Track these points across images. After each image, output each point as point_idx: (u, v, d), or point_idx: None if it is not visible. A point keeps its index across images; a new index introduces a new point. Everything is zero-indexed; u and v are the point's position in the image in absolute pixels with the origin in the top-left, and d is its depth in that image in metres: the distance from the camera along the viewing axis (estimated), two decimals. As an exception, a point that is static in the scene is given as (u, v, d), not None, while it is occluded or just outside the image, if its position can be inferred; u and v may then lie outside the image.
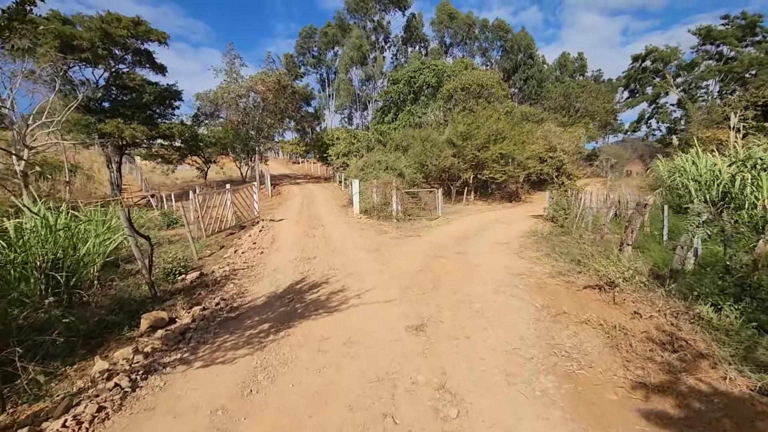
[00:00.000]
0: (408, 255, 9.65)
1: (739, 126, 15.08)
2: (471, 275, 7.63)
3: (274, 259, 10.10)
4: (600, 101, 36.71)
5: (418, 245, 11.04)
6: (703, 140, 17.24)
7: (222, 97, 28.05)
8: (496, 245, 10.86)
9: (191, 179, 34.11)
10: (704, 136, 17.63)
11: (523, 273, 7.62)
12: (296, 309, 6.26)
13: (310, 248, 11.16)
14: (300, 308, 6.28)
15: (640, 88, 38.90)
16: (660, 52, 37.41)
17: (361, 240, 12.10)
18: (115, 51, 24.26)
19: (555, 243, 10.86)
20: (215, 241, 12.94)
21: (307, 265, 9.20)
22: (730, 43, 34.78)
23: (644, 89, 38.46)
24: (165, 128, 25.29)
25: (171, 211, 16.55)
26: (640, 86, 38.74)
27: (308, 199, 24.32)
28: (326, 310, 6.07)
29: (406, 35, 45.94)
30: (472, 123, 26.31)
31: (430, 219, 17.57)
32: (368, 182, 18.62)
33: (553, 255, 8.96)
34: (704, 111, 26.91)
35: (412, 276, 7.69)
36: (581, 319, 5.00)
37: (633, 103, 38.76)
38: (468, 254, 9.60)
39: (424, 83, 31.45)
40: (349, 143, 31.40)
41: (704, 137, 17.49)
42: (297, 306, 6.40)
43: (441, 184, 28.62)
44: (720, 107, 20.94)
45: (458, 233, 13.38)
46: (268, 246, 11.77)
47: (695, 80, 36.02)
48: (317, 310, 6.13)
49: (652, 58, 37.61)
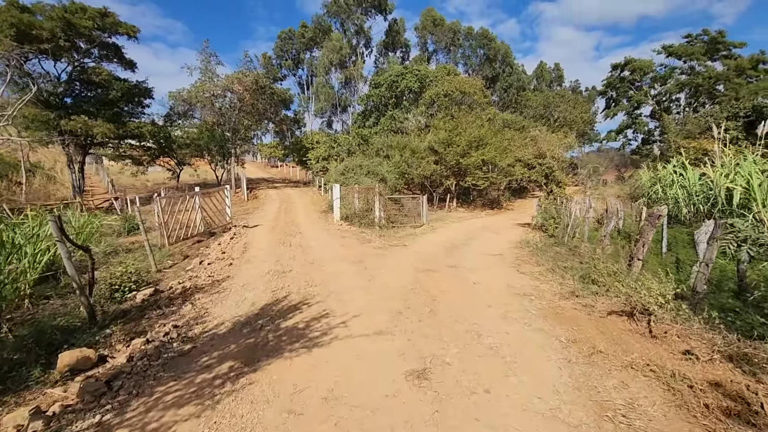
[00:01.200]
0: (395, 269, 8.48)
1: (724, 137, 14.65)
2: (471, 295, 6.52)
3: (245, 272, 8.77)
4: (578, 111, 36.66)
5: (405, 257, 9.89)
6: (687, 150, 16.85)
7: (196, 96, 26.33)
8: (489, 257, 9.81)
9: (163, 181, 32.07)
10: (689, 146, 17.24)
11: (529, 293, 6.55)
12: (266, 341, 5.00)
13: (286, 259, 9.87)
14: (271, 340, 5.02)
15: (617, 97, 39.08)
16: (637, 62, 37.67)
17: (342, 250, 10.87)
18: (79, 43, 22.33)
19: (552, 255, 9.90)
20: (180, 250, 11.47)
21: (281, 280, 7.91)
22: (697, 58, 35.25)
23: (621, 99, 38.66)
24: (134, 127, 23.38)
25: (133, 216, 14.90)
26: (618, 96, 38.92)
27: (286, 204, 22.89)
28: (302, 344, 4.83)
29: (388, 40, 44.98)
30: (453, 129, 25.47)
31: (414, 227, 16.48)
32: (349, 187, 17.42)
33: (557, 270, 7.96)
34: (680, 122, 26.95)
35: (403, 296, 6.52)
36: (624, 362, 3.94)
37: (610, 113, 38.90)
38: (461, 268, 8.50)
39: (407, 88, 30.50)
40: (330, 147, 30.11)
41: (689, 147, 17.10)
42: (267, 336, 5.14)
43: (423, 190, 27.65)
44: (698, 118, 20.79)
45: (446, 242, 12.31)
46: (239, 256, 10.41)
47: (667, 93, 36.36)
48: (291, 343, 4.88)
49: (630, 69, 37.84)
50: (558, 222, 13.97)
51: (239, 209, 21.61)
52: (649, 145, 37.37)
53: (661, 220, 7.50)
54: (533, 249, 10.81)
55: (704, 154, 16.49)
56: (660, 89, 37.14)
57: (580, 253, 10.63)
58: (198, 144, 30.40)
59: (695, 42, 36.20)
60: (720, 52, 34.51)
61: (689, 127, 24.50)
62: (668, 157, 29.52)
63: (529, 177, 15.58)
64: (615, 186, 30.64)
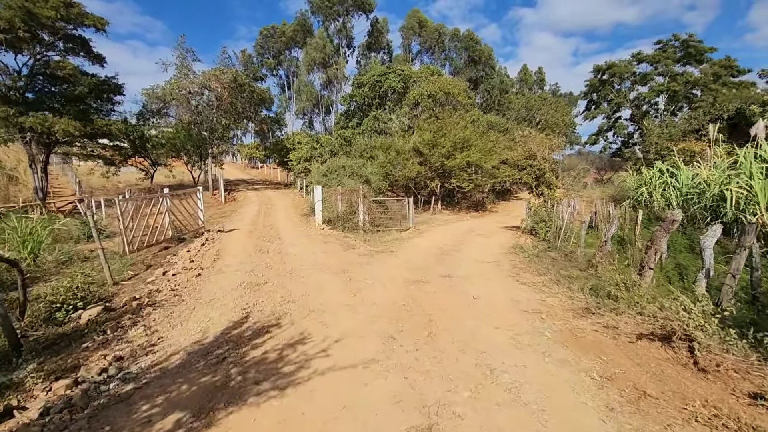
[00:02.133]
0: (384, 280, 7.53)
1: (716, 137, 14.24)
2: (473, 314, 5.62)
3: (214, 284, 7.68)
4: (559, 114, 36.51)
5: (393, 265, 8.95)
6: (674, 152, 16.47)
7: (171, 94, 24.86)
8: (483, 265, 8.97)
9: (136, 182, 30.30)
10: (676, 148, 16.90)
11: (538, 309, 5.70)
12: (227, 378, 3.99)
13: (262, 268, 8.80)
14: (234, 377, 4.01)
15: (598, 100, 39.14)
16: (618, 66, 37.78)
17: (324, 257, 9.85)
18: (42, 35, 20.68)
19: (549, 263, 9.13)
20: (143, 258, 10.27)
21: (254, 294, 6.87)
22: (667, 65, 35.57)
23: (602, 102, 38.73)
24: (102, 125, 21.72)
25: (96, 219, 13.52)
26: (599, 98, 38.98)
27: (266, 207, 21.68)
28: (273, 383, 3.84)
29: (371, 40, 43.95)
30: (438, 130, 24.73)
31: (400, 230, 15.57)
32: (332, 189, 16.39)
33: (562, 281, 7.15)
34: (662, 125, 26.90)
35: (394, 315, 5.57)
36: (683, 412, 3.08)
37: (590, 116, 38.92)
38: (456, 278, 7.61)
39: (390, 88, 29.61)
40: (311, 148, 28.96)
41: (676, 149, 16.75)
42: (230, 372, 4.13)
43: (407, 192, 26.81)
44: (683, 120, 20.56)
45: (435, 248, 11.43)
46: (209, 265, 9.28)
47: (645, 96, 36.56)
48: (259, 382, 3.88)
49: (611, 73, 37.91)
50: (549, 226, 13.28)
51: (216, 212, 20.33)
52: (628, 148, 37.52)
53: (675, 225, 6.77)
54: (528, 255, 10.03)
55: (691, 156, 16.12)
56: (638, 92, 37.33)
57: (577, 260, 9.90)
58: (174, 144, 28.84)
59: (666, 48, 36.54)
60: (693, 56, 34.84)
61: (670, 130, 24.37)
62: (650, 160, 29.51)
63: (519, 179, 14.82)
64: (596, 188, 30.46)
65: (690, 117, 20.28)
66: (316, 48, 40.69)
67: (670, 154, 22.81)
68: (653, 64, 36.22)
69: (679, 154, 15.85)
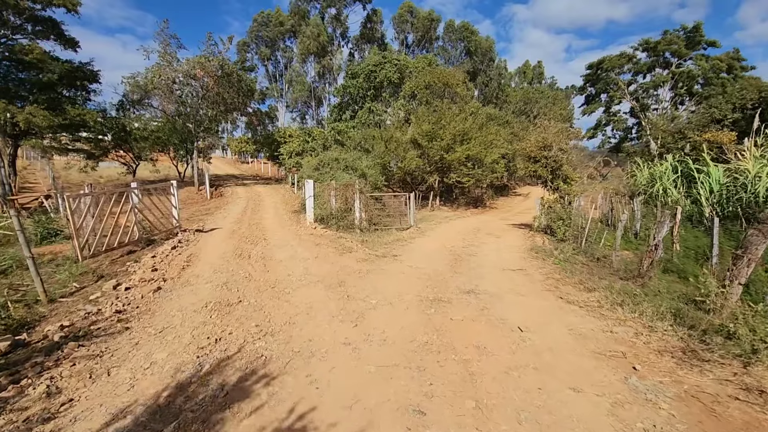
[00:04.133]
0: (392, 299, 5.76)
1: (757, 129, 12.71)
2: (528, 358, 3.89)
3: (174, 303, 5.87)
4: (557, 107, 34.95)
5: (400, 275, 7.18)
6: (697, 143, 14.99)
7: (152, 82, 22.68)
8: (509, 274, 7.25)
9: (118, 178, 28.10)
10: (700, 139, 15.33)
11: (617, 351, 3.99)
12: None
13: (239, 280, 7.00)
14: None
15: (596, 94, 37.60)
16: (612, 60, 36.24)
17: (316, 264, 8.06)
18: (8, 16, 18.49)
19: (586, 272, 7.45)
20: (98, 265, 8.38)
21: (222, 320, 5.07)
22: (679, 50, 33.91)
23: (599, 96, 37.20)
24: (75, 114, 19.55)
25: (51, 219, 11.57)
26: (597, 92, 37.44)
27: (253, 203, 19.77)
28: None
29: (365, 31, 41.71)
30: (437, 122, 22.97)
31: (401, 229, 13.82)
32: (325, 184, 14.56)
33: (617, 298, 5.43)
34: (665, 118, 25.47)
35: (416, 363, 3.82)
36: None
37: (588, 110, 37.38)
38: (483, 295, 5.88)
39: (386, 79, 27.68)
40: (303, 141, 26.98)
41: (701, 140, 15.18)
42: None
43: (404, 188, 25.06)
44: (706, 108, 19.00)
45: (444, 251, 9.70)
46: (175, 275, 7.44)
47: (647, 88, 35.02)
48: None
49: (606, 67, 36.37)
50: (568, 224, 11.62)
51: (199, 209, 18.39)
52: (628, 142, 36.13)
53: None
54: (557, 261, 8.33)
55: (718, 148, 14.58)
56: (638, 85, 35.82)
57: (615, 266, 8.24)
58: (158, 137, 26.68)
59: (673, 36, 34.99)
60: (700, 44, 33.34)
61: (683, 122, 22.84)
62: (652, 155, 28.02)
63: (534, 171, 13.14)
64: (597, 183, 28.95)
65: (709, 106, 18.73)
66: (311, 36, 38.41)
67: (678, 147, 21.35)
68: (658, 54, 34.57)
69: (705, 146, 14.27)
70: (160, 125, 27.02)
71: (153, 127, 26.65)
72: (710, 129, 16.71)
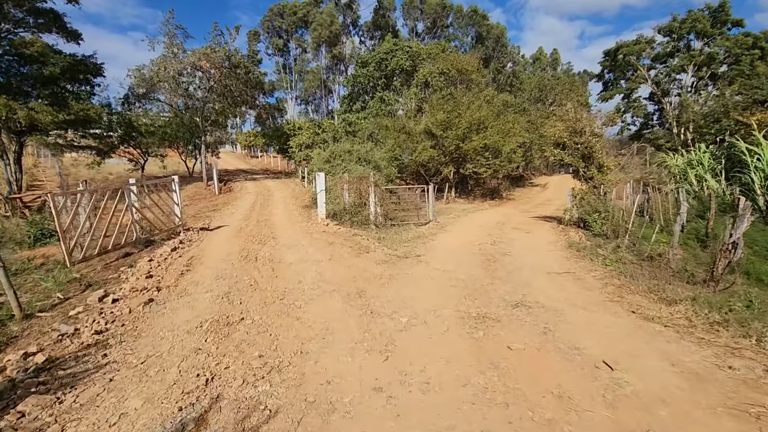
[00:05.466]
0: (424, 313, 4.71)
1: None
2: (641, 423, 2.75)
3: (165, 320, 4.92)
4: (574, 93, 33.20)
5: (428, 281, 6.12)
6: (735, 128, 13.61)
7: (157, 75, 21.76)
8: (557, 279, 6.14)
9: (127, 174, 27.42)
10: (754, 120, 13.84)
11: (761, 404, 2.83)
12: None
13: (243, 289, 6.01)
14: None
15: (615, 80, 35.72)
16: (630, 46, 34.29)
17: (330, 268, 7.02)
18: (8, 9, 17.64)
19: (647, 276, 6.30)
20: (91, 270, 7.49)
21: (219, 347, 4.09)
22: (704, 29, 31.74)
23: (619, 82, 35.33)
24: (78, 110, 18.70)
25: (43, 219, 10.69)
26: (615, 78, 35.57)
27: (263, 198, 18.84)
28: None
29: (376, 17, 40.00)
30: (452, 110, 21.66)
31: (419, 224, 12.74)
32: (337, 177, 13.49)
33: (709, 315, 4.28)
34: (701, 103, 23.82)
35: (477, 421, 2.76)
36: None
37: (607, 96, 35.55)
38: (537, 309, 4.78)
39: (397, 66, 26.36)
40: (313, 133, 25.89)
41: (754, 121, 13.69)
42: None
43: (417, 180, 23.89)
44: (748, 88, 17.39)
45: (473, 250, 8.60)
46: (172, 283, 6.48)
47: (669, 72, 33.01)
48: None
49: (624, 53, 34.45)
50: (606, 217, 10.40)
51: (207, 205, 17.53)
52: (648, 129, 34.32)
53: None
54: (609, 262, 7.18)
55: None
56: (658, 71, 33.85)
57: (675, 267, 7.07)
58: (165, 132, 25.86)
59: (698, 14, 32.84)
60: (725, 24, 31.22)
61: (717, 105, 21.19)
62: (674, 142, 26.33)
63: (561, 160, 11.92)
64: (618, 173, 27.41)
65: (751, 86, 17.14)
66: (324, 25, 36.93)
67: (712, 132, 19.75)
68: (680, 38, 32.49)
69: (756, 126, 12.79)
70: (168, 120, 26.18)
71: (161, 122, 25.83)
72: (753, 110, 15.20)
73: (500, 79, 36.99)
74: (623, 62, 34.37)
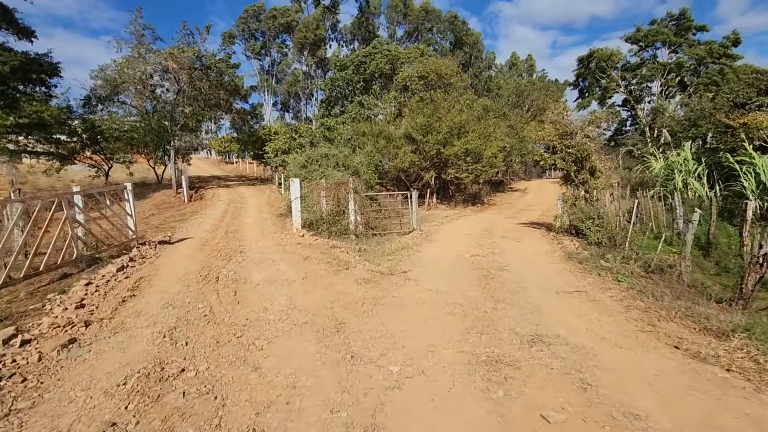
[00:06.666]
0: (423, 363, 3.63)
1: None
2: None
3: (84, 372, 3.74)
4: (551, 99, 33.13)
5: (422, 309, 5.06)
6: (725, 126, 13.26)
7: (121, 76, 20.07)
8: (570, 301, 5.21)
9: (90, 182, 25.37)
10: (735, 122, 13.52)
11: None
12: None
13: (194, 322, 4.83)
14: None
15: (590, 87, 35.86)
16: (603, 52, 34.54)
17: (302, 291, 5.89)
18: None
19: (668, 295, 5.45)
20: (14, 297, 6.09)
21: (142, 421, 2.88)
22: (668, 38, 32.27)
23: (594, 89, 35.46)
24: (31, 111, 16.89)
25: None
26: (590, 85, 35.71)
27: (235, 206, 17.46)
28: None
29: (358, 21, 38.77)
30: (432, 114, 20.85)
31: (402, 233, 11.71)
32: (314, 183, 12.35)
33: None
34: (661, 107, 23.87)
35: None
36: None
37: (584, 104, 35.65)
38: (562, 348, 3.80)
39: (377, 70, 25.42)
40: (290, 138, 24.61)
41: (735, 123, 13.37)
42: None
43: (398, 186, 22.92)
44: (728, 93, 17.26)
45: (465, 263, 7.62)
46: (108, 315, 5.23)
47: (640, 80, 33.36)
48: None
49: (597, 59, 34.66)
50: (601, 225, 9.63)
51: (174, 214, 16.03)
52: (621, 134, 34.51)
53: None
54: (622, 278, 6.32)
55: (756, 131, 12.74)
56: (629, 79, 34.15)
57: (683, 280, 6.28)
58: (132, 136, 24.03)
59: (661, 26, 33.38)
60: (689, 30, 31.76)
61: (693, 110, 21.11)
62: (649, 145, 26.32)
63: (552, 163, 11.16)
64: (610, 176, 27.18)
65: (731, 91, 17.01)
66: (308, 28, 35.51)
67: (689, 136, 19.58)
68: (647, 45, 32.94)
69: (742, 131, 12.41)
70: (135, 124, 24.36)
71: (127, 126, 23.99)
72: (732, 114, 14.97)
73: (478, 84, 36.61)
74: (597, 69, 34.61)
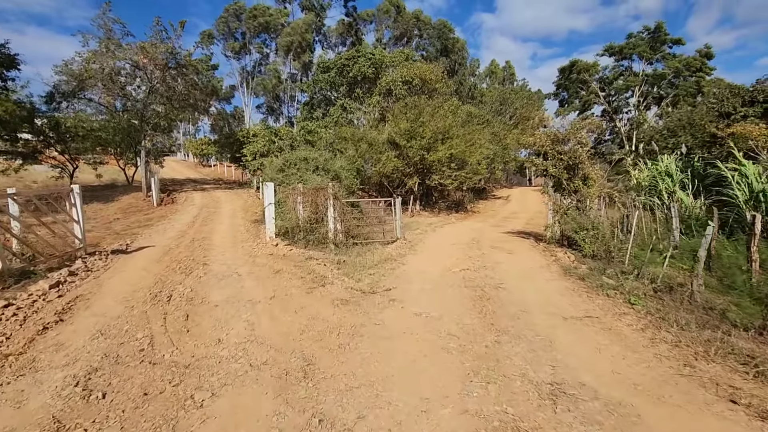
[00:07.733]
0: (410, 427, 2.69)
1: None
2: None
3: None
4: (534, 107, 33.04)
5: (410, 342, 4.16)
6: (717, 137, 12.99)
7: (87, 72, 18.56)
8: (584, 330, 4.40)
9: (54, 182, 23.54)
10: (725, 133, 13.26)
11: None
12: None
13: (124, 361, 3.80)
14: None
15: (569, 98, 36.00)
16: (582, 63, 34.78)
17: (267, 317, 4.91)
18: None
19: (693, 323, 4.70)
20: None
21: None
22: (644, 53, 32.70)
23: (573, 99, 35.60)
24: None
25: None
26: (570, 96, 35.86)
27: (207, 211, 16.21)
28: None
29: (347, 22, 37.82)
30: (416, 119, 20.12)
31: (385, 243, 10.81)
32: (290, 188, 11.31)
33: None
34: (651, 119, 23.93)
35: None
36: None
37: (563, 113, 35.72)
38: (595, 407, 2.93)
39: (360, 73, 24.57)
40: (269, 141, 23.42)
41: (724, 133, 13.10)
42: None
43: (380, 192, 22.06)
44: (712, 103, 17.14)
45: (455, 280, 6.77)
46: (19, 349, 4.21)
47: (617, 92, 33.68)
48: None
49: (577, 70, 34.84)
50: (596, 235, 8.97)
51: (140, 219, 14.69)
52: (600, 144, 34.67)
53: None
54: (635, 300, 5.57)
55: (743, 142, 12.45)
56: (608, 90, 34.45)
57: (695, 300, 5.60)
58: (99, 136, 22.39)
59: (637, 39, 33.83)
60: (665, 44, 32.25)
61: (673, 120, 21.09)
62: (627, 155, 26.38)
63: (544, 170, 10.48)
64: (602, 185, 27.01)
65: (717, 100, 16.91)
66: (296, 31, 34.34)
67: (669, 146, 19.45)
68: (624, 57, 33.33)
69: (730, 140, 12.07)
70: (104, 123, 22.76)
71: (96, 125, 22.36)
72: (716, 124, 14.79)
73: (463, 90, 36.29)
74: (577, 80, 34.77)
